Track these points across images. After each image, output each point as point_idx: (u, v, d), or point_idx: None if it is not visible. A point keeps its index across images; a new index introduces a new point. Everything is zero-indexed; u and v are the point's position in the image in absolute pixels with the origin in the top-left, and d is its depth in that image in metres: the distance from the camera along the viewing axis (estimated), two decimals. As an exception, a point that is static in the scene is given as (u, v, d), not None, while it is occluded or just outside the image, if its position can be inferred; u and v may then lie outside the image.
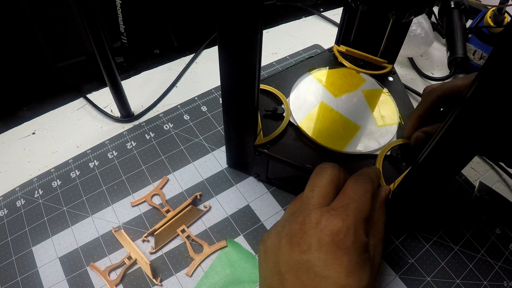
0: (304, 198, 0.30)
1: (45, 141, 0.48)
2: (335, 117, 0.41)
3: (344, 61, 0.47)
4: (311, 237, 0.27)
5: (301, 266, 0.26)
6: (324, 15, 0.67)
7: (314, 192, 0.30)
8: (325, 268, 0.26)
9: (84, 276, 0.37)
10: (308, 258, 0.26)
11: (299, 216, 0.29)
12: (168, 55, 0.62)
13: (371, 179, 0.32)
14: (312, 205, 0.29)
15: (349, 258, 0.26)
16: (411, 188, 0.33)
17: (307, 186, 0.31)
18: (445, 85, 0.35)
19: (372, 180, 0.32)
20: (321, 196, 0.29)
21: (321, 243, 0.26)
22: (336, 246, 0.26)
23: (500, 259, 0.38)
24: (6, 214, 0.41)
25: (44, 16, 0.50)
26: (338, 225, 0.27)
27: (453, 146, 0.26)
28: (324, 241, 0.26)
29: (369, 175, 0.32)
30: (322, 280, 0.25)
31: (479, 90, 0.22)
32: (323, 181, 0.30)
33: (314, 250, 0.26)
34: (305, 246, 0.27)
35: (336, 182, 0.31)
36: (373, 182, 0.31)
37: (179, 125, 0.49)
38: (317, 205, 0.29)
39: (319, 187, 0.30)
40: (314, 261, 0.26)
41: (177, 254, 0.38)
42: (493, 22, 0.54)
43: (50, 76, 0.56)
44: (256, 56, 0.29)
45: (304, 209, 0.29)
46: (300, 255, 0.27)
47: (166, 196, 0.42)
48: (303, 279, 0.26)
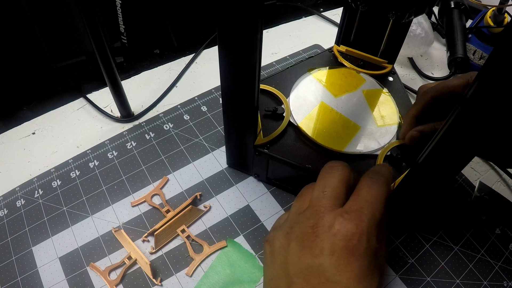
0: (315, 198, 0.29)
1: (45, 141, 0.48)
2: (335, 117, 0.41)
3: (344, 61, 0.47)
4: (324, 241, 0.26)
5: (311, 270, 0.26)
6: (324, 15, 0.67)
7: (325, 193, 0.29)
8: (336, 273, 0.25)
9: (84, 276, 0.37)
10: (320, 262, 0.26)
11: (310, 218, 0.28)
12: (168, 55, 0.62)
13: (386, 180, 0.30)
14: (324, 207, 0.28)
15: (360, 264, 0.25)
16: (411, 188, 0.33)
17: (317, 186, 0.30)
18: (440, 85, 0.35)
19: (388, 182, 0.30)
20: (332, 197, 0.28)
21: (334, 248, 0.26)
22: (349, 251, 0.25)
23: (500, 259, 0.38)
24: (6, 214, 0.41)
25: (44, 16, 0.50)
26: (352, 230, 0.26)
27: (453, 147, 0.26)
28: (337, 246, 0.26)
29: (384, 176, 0.30)
30: (333, 285, 0.25)
31: (479, 90, 0.22)
32: (334, 181, 0.29)
33: (326, 255, 0.26)
34: (317, 250, 0.26)
35: (347, 182, 0.30)
36: (388, 185, 0.30)
37: (179, 125, 0.49)
38: (329, 207, 0.28)
39: (330, 188, 0.29)
40: (326, 265, 0.25)
41: (177, 254, 0.38)
42: (493, 22, 0.54)
43: (50, 76, 0.56)
44: (256, 56, 0.29)
45: (316, 212, 0.28)
46: (312, 259, 0.26)
47: (166, 196, 0.42)
48: (313, 283, 0.25)
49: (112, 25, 0.58)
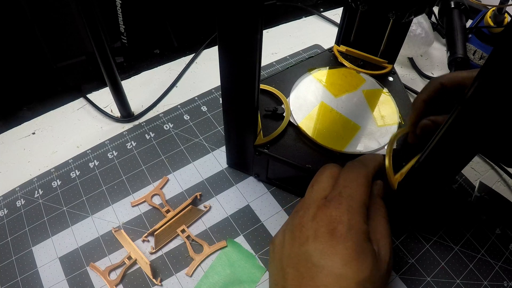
0: (306, 195, 0.31)
1: (45, 141, 0.48)
2: (335, 117, 0.41)
3: (344, 61, 0.47)
4: (309, 229, 0.27)
5: (300, 258, 0.27)
6: (324, 15, 0.67)
7: (313, 188, 0.31)
8: (321, 258, 0.26)
9: (84, 276, 0.37)
10: (306, 249, 0.27)
11: (299, 211, 0.29)
12: (168, 55, 0.62)
13: (363, 164, 0.31)
14: (312, 200, 0.29)
15: (345, 246, 0.25)
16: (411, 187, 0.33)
17: (309, 185, 0.32)
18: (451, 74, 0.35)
19: (366, 164, 0.31)
20: (319, 190, 0.30)
21: (317, 233, 0.27)
22: (330, 235, 0.26)
23: (500, 259, 0.38)
24: (6, 214, 0.41)
25: (44, 16, 0.50)
26: (331, 214, 0.27)
27: (453, 146, 0.26)
28: (320, 232, 0.27)
29: (362, 161, 0.32)
30: (319, 269, 0.25)
31: (479, 90, 0.22)
32: (322, 177, 0.31)
33: (311, 241, 0.27)
34: (303, 238, 0.27)
35: (335, 177, 0.31)
36: (366, 166, 0.31)
37: (179, 125, 0.49)
38: (315, 199, 0.29)
39: (318, 182, 0.31)
40: (311, 251, 0.26)
41: (177, 254, 0.38)
42: (493, 22, 0.54)
43: (50, 76, 0.56)
44: (256, 56, 0.29)
45: (305, 205, 0.29)
46: (299, 247, 0.27)
47: (166, 196, 0.42)
48: (302, 270, 0.26)
49: (112, 25, 0.58)
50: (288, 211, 0.41)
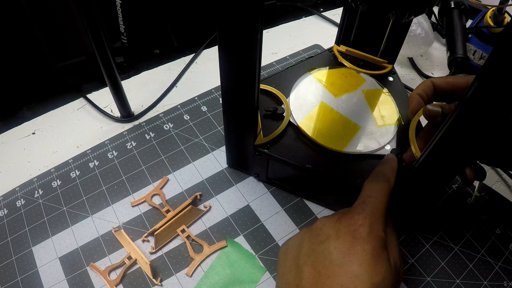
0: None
1: (45, 141, 0.48)
2: (335, 117, 0.41)
3: (344, 61, 0.47)
4: (330, 228, 0.28)
5: (318, 255, 0.27)
6: (324, 15, 0.67)
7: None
8: (340, 256, 0.26)
9: (84, 276, 0.37)
10: (326, 246, 0.27)
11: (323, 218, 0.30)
12: (168, 55, 0.62)
13: (386, 177, 0.32)
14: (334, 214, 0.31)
15: (363, 247, 0.26)
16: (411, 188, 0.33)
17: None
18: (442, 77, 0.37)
19: (388, 178, 0.32)
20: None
21: (339, 233, 0.28)
22: (352, 236, 0.27)
23: (500, 259, 0.38)
24: (6, 214, 0.41)
25: (44, 16, 0.50)
26: (354, 217, 0.28)
27: (453, 147, 0.26)
28: (342, 232, 0.27)
29: (384, 174, 0.32)
30: (337, 267, 0.26)
31: (479, 90, 0.22)
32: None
33: (332, 239, 0.27)
34: (324, 236, 0.28)
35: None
36: (389, 181, 0.32)
37: (179, 125, 0.49)
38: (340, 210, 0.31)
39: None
40: (332, 249, 0.27)
41: (177, 254, 0.38)
42: (493, 22, 0.54)
43: (50, 76, 0.56)
44: (256, 56, 0.29)
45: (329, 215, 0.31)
46: (319, 245, 0.28)
47: (166, 196, 0.42)
48: (319, 268, 0.27)
49: (112, 25, 0.58)
50: (288, 211, 0.41)
